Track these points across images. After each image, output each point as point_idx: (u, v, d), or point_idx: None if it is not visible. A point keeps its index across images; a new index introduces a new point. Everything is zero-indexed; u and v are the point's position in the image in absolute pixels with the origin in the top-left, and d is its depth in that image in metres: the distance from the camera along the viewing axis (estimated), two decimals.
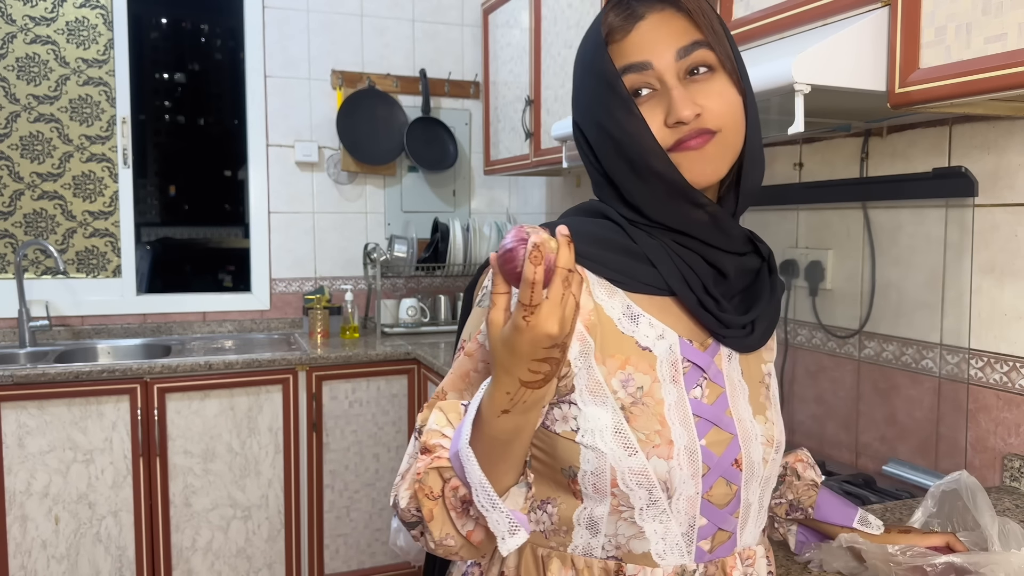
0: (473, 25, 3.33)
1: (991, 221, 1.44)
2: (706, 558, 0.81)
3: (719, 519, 0.81)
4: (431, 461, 0.74)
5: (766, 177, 1.98)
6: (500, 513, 0.71)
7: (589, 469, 0.77)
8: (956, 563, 0.94)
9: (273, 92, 3.08)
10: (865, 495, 1.53)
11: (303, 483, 2.65)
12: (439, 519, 0.75)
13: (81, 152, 2.90)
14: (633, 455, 0.76)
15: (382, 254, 3.07)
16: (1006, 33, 1.06)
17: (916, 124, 1.58)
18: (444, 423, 0.75)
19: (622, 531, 0.79)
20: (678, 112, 0.76)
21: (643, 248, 0.80)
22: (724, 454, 0.80)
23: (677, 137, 0.77)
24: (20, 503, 2.33)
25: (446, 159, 3.26)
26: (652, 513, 0.78)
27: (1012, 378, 1.41)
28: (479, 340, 0.81)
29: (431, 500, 0.74)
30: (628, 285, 0.80)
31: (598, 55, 0.79)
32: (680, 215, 0.79)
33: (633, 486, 0.76)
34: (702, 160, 0.78)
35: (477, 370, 0.81)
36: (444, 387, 0.83)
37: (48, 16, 2.83)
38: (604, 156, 0.82)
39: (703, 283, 0.80)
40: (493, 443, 0.71)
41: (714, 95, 0.78)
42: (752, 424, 0.83)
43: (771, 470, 0.85)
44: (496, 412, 0.70)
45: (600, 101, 0.80)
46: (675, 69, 0.78)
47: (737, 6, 1.55)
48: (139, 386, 2.42)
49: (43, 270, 2.90)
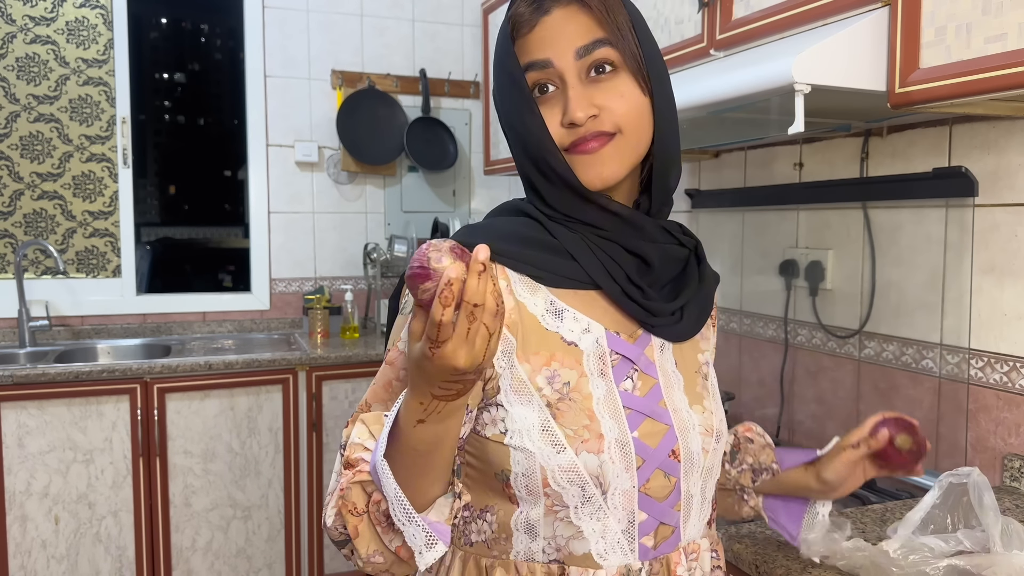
0: (473, 25, 3.33)
1: (991, 221, 1.44)
2: (651, 555, 0.79)
3: (659, 513, 0.79)
4: (353, 476, 0.72)
5: (766, 177, 1.99)
6: (416, 526, 0.69)
7: (520, 471, 0.75)
8: (958, 565, 0.94)
9: (273, 92, 3.08)
10: (865, 495, 1.54)
11: (303, 483, 2.65)
12: (364, 535, 0.73)
13: (81, 152, 2.90)
14: (561, 452, 0.75)
15: (382, 254, 3.07)
16: (1006, 33, 1.06)
17: (916, 124, 1.58)
18: (366, 436, 0.73)
19: (560, 532, 0.77)
20: (571, 114, 0.75)
21: (563, 242, 0.79)
22: (660, 445, 0.79)
23: (573, 138, 0.76)
24: (20, 503, 2.33)
25: (446, 159, 3.26)
26: (588, 511, 0.76)
27: (1012, 378, 1.41)
28: (400, 348, 0.79)
29: (355, 516, 0.72)
30: (550, 280, 0.79)
31: (505, 51, 0.79)
32: (587, 213, 0.79)
33: (564, 484, 0.75)
34: (597, 163, 0.76)
35: (399, 379, 0.78)
36: (367, 399, 0.81)
37: (48, 16, 2.83)
38: (515, 153, 0.82)
39: (626, 273, 0.80)
40: (413, 454, 0.69)
41: (615, 95, 0.76)
42: (689, 414, 0.82)
43: (712, 460, 0.84)
44: (412, 422, 0.68)
45: (509, 98, 0.79)
46: (575, 68, 0.76)
47: (737, 6, 1.55)
48: (139, 386, 2.41)
49: (43, 270, 2.90)
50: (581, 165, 0.77)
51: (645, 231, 0.81)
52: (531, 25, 0.78)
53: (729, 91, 1.35)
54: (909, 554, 0.97)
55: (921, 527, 1.04)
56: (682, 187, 2.30)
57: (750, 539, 1.23)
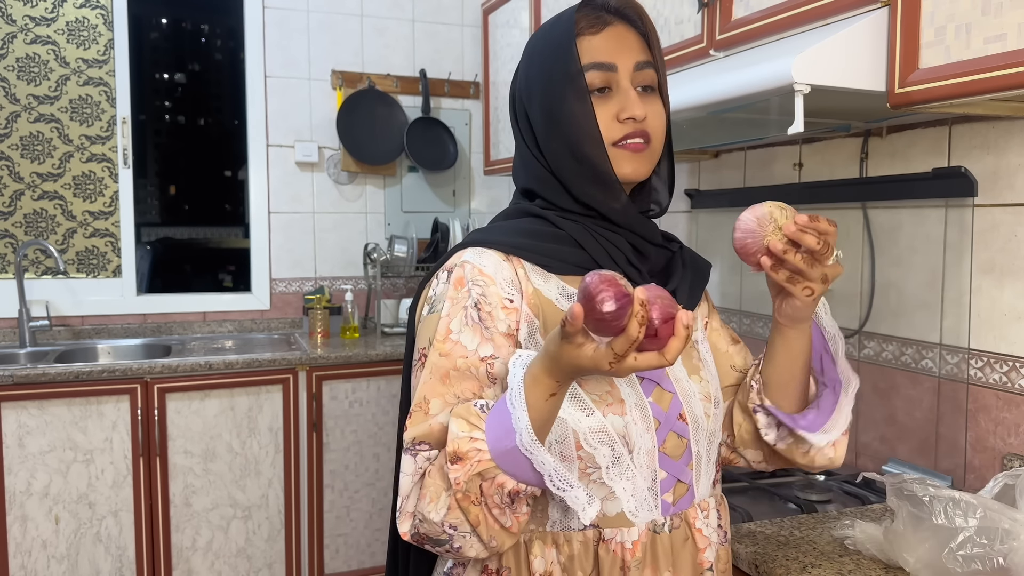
0: (473, 25, 3.33)
1: (991, 221, 1.44)
2: (671, 511, 0.88)
3: (677, 471, 0.88)
4: (471, 467, 0.75)
5: (766, 177, 1.99)
6: (578, 489, 0.76)
7: (553, 439, 0.82)
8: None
9: (273, 92, 3.08)
10: (865, 495, 1.54)
11: (303, 483, 2.65)
12: (483, 522, 0.77)
13: (81, 152, 2.90)
14: (590, 415, 0.83)
15: (382, 254, 3.07)
16: (1006, 33, 1.06)
17: (916, 124, 1.59)
18: (468, 428, 0.77)
19: (594, 494, 0.81)
20: (632, 109, 0.86)
21: (569, 232, 0.89)
22: (670, 409, 0.88)
23: (624, 132, 0.87)
24: (20, 503, 2.33)
25: (446, 159, 3.26)
26: (618, 470, 0.84)
27: (1012, 378, 1.41)
28: (452, 339, 0.85)
29: (476, 506, 0.77)
30: (560, 268, 0.89)
31: (566, 46, 0.88)
32: (600, 199, 0.89)
33: (596, 444, 0.82)
34: (639, 160, 0.89)
35: (457, 368, 0.84)
36: (425, 395, 0.84)
37: (48, 16, 2.83)
38: (543, 137, 0.91)
39: (627, 257, 0.89)
40: (540, 423, 0.75)
41: (654, 111, 0.89)
42: (688, 383, 0.91)
43: (714, 424, 0.93)
44: (544, 397, 0.74)
45: (556, 88, 0.88)
46: (631, 77, 0.88)
47: (737, 6, 1.55)
48: (139, 386, 2.42)
49: (43, 270, 2.90)
50: (625, 159, 0.88)
51: (640, 227, 0.91)
52: (595, 31, 0.89)
53: (729, 91, 1.35)
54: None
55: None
56: (682, 187, 2.30)
57: (750, 539, 1.23)
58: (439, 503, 0.77)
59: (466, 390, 0.83)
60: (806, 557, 1.16)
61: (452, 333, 0.85)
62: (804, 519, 1.33)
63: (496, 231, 0.92)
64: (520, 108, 0.94)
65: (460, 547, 0.79)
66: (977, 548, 0.98)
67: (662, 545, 0.87)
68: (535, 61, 0.92)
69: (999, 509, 0.99)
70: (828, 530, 1.26)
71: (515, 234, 0.90)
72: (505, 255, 0.88)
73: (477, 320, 0.85)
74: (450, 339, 0.84)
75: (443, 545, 0.79)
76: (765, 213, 0.83)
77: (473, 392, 0.83)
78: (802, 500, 1.50)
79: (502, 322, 0.85)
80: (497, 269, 0.87)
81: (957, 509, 1.00)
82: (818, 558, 1.15)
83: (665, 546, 0.87)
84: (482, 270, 0.86)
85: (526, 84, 0.93)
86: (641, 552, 0.85)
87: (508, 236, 0.89)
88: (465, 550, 0.79)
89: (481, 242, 0.90)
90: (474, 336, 0.84)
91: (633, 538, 0.85)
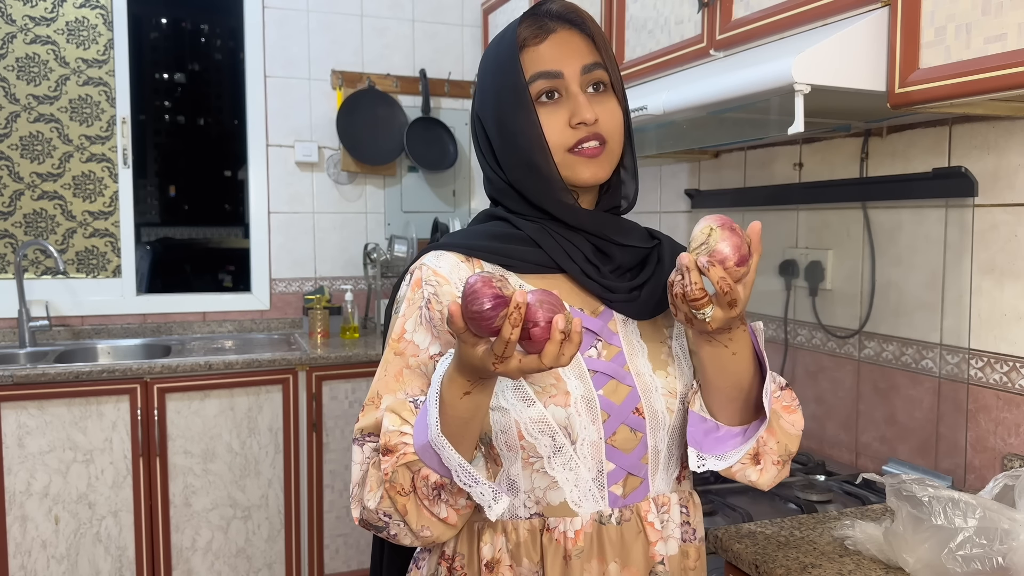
0: (473, 25, 3.33)
1: (991, 221, 1.44)
2: (620, 503, 0.89)
3: (627, 464, 0.89)
4: (397, 459, 0.80)
5: (766, 177, 1.99)
6: (483, 486, 0.78)
7: (499, 429, 0.86)
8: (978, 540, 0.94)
9: (273, 92, 3.08)
10: (865, 495, 1.54)
11: (303, 483, 2.65)
12: (413, 512, 0.82)
13: (81, 152, 2.90)
14: (531, 405, 0.85)
15: (382, 254, 3.07)
16: (1006, 33, 1.06)
17: (916, 124, 1.58)
18: (399, 422, 0.82)
19: (537, 483, 0.87)
20: (582, 114, 0.87)
21: (528, 233, 0.91)
22: (624, 403, 0.89)
23: (578, 137, 0.88)
24: (20, 503, 2.33)
25: (446, 159, 3.26)
26: (560, 460, 0.86)
27: (1012, 378, 1.41)
28: (406, 338, 0.89)
29: (403, 496, 0.81)
30: (519, 267, 0.91)
31: (510, 59, 0.90)
32: (560, 207, 0.90)
33: (536, 434, 0.85)
34: (595, 165, 0.89)
35: (409, 366, 0.89)
36: (378, 391, 0.89)
37: (48, 16, 2.83)
38: (500, 151, 0.93)
39: (585, 255, 0.91)
40: (458, 423, 0.78)
41: (607, 110, 0.90)
42: (652, 377, 0.91)
43: (678, 420, 0.92)
44: (459, 395, 0.77)
45: (506, 100, 0.90)
46: (579, 81, 0.89)
47: (737, 6, 1.55)
48: (139, 386, 2.42)
49: (43, 270, 2.90)
50: (581, 164, 0.89)
51: (605, 230, 0.92)
52: (539, 40, 0.90)
53: (729, 91, 1.35)
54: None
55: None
56: (682, 187, 2.30)
57: (750, 539, 1.23)
58: (376, 493, 0.83)
59: (415, 387, 0.88)
60: (806, 557, 1.15)
61: (407, 332, 0.90)
62: (804, 519, 1.33)
63: (462, 235, 0.96)
64: (478, 126, 0.96)
65: (396, 534, 0.84)
66: (976, 548, 0.98)
67: (608, 536, 0.88)
68: (486, 80, 0.94)
69: (998, 509, 1.00)
70: (828, 530, 1.26)
71: (478, 237, 0.93)
72: (466, 256, 0.92)
73: (429, 319, 0.89)
74: (404, 338, 0.89)
75: (382, 532, 0.85)
76: (705, 227, 0.79)
77: (421, 389, 0.88)
78: (802, 500, 1.50)
79: None
80: (453, 270, 0.91)
81: (956, 509, 1.00)
82: (818, 558, 1.15)
83: (612, 537, 0.88)
84: (436, 271, 0.90)
85: (480, 102, 0.95)
86: (585, 542, 0.87)
87: (470, 239, 0.93)
88: (400, 537, 0.84)
89: (442, 245, 0.94)
90: (426, 335, 0.89)
91: (576, 528, 0.87)
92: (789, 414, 0.94)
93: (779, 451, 0.93)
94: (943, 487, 1.05)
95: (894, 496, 1.07)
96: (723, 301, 0.79)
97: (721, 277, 0.77)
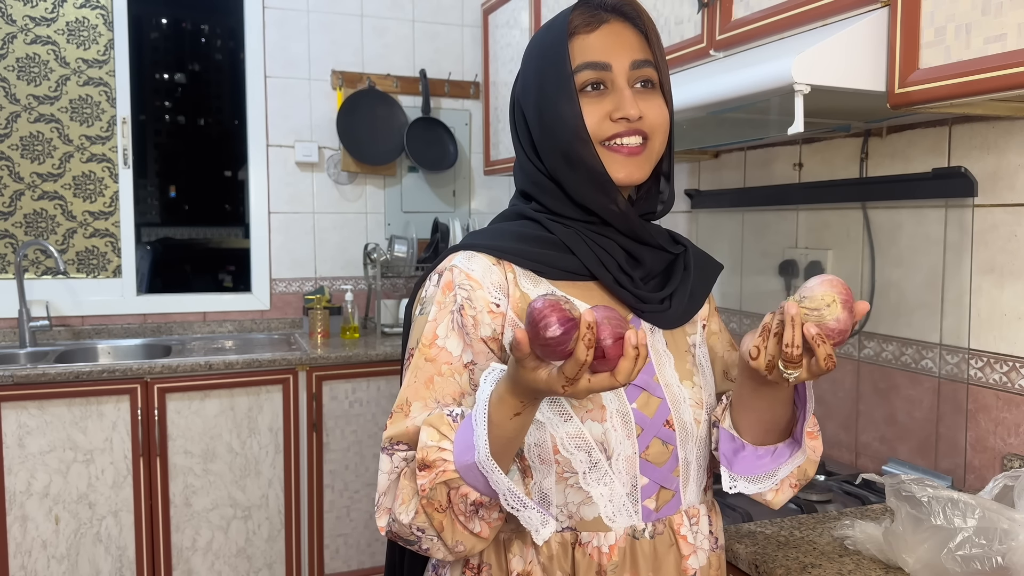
0: (473, 25, 3.33)
1: (991, 221, 1.44)
2: (653, 517, 0.88)
3: (660, 477, 0.88)
4: (436, 476, 0.77)
5: (766, 177, 1.99)
6: (531, 510, 0.76)
7: (532, 441, 0.84)
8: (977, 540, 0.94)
9: (273, 92, 3.08)
10: (865, 495, 1.54)
11: (303, 483, 2.65)
12: (448, 528, 0.79)
13: (81, 152, 2.90)
14: (568, 420, 0.83)
15: (382, 254, 3.07)
16: (1006, 33, 1.06)
17: (916, 124, 1.58)
18: (438, 437, 0.78)
19: (571, 498, 0.85)
20: (626, 109, 0.85)
21: (561, 238, 0.89)
22: (655, 416, 0.88)
23: (616, 130, 0.86)
24: (20, 503, 2.33)
25: (446, 159, 3.26)
26: (595, 476, 0.85)
27: (1012, 378, 1.41)
28: (438, 344, 0.86)
29: (440, 512, 0.78)
30: (550, 273, 0.89)
31: (558, 45, 0.87)
32: (598, 202, 0.87)
33: (572, 449, 0.83)
34: (632, 164, 0.87)
35: (441, 373, 0.85)
36: (408, 397, 0.85)
37: (48, 16, 2.83)
38: (539, 140, 0.90)
39: (619, 264, 0.88)
40: (504, 442, 0.76)
41: (653, 106, 0.88)
42: (680, 388, 0.90)
43: (705, 430, 0.92)
44: (508, 416, 0.74)
45: (548, 90, 0.87)
46: (627, 76, 0.87)
47: (737, 6, 1.55)
48: (139, 386, 2.42)
49: (43, 270, 2.90)
50: (617, 162, 0.87)
51: (639, 231, 0.90)
52: (590, 29, 0.88)
53: (729, 91, 1.35)
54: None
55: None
56: (682, 187, 2.30)
57: (750, 539, 1.23)
58: (409, 506, 0.80)
59: (447, 395, 0.85)
60: (806, 557, 1.16)
61: (439, 338, 0.86)
62: (804, 519, 1.33)
63: (490, 234, 0.92)
64: (518, 112, 0.93)
65: (428, 548, 0.82)
66: (976, 548, 0.98)
67: (643, 550, 0.87)
68: (531, 64, 0.92)
69: (997, 509, 1.00)
70: (828, 530, 1.26)
71: (508, 238, 0.90)
72: (496, 259, 0.89)
73: (461, 325, 0.86)
74: (436, 344, 0.86)
75: (413, 545, 0.83)
76: (828, 295, 0.77)
77: (453, 398, 0.85)
78: (802, 500, 1.50)
79: (487, 326, 0.86)
80: (485, 273, 0.88)
81: (956, 509, 1.01)
82: (818, 558, 1.15)
83: (646, 552, 0.87)
84: (470, 274, 0.87)
85: (523, 87, 0.93)
86: (619, 557, 0.86)
87: (501, 240, 0.90)
88: (432, 552, 0.82)
89: (473, 246, 0.90)
90: (458, 342, 0.86)
91: (610, 542, 0.86)
92: (811, 440, 0.95)
93: (798, 475, 0.95)
94: (943, 487, 1.05)
95: (894, 496, 1.07)
96: (813, 369, 0.78)
97: (828, 355, 0.76)
